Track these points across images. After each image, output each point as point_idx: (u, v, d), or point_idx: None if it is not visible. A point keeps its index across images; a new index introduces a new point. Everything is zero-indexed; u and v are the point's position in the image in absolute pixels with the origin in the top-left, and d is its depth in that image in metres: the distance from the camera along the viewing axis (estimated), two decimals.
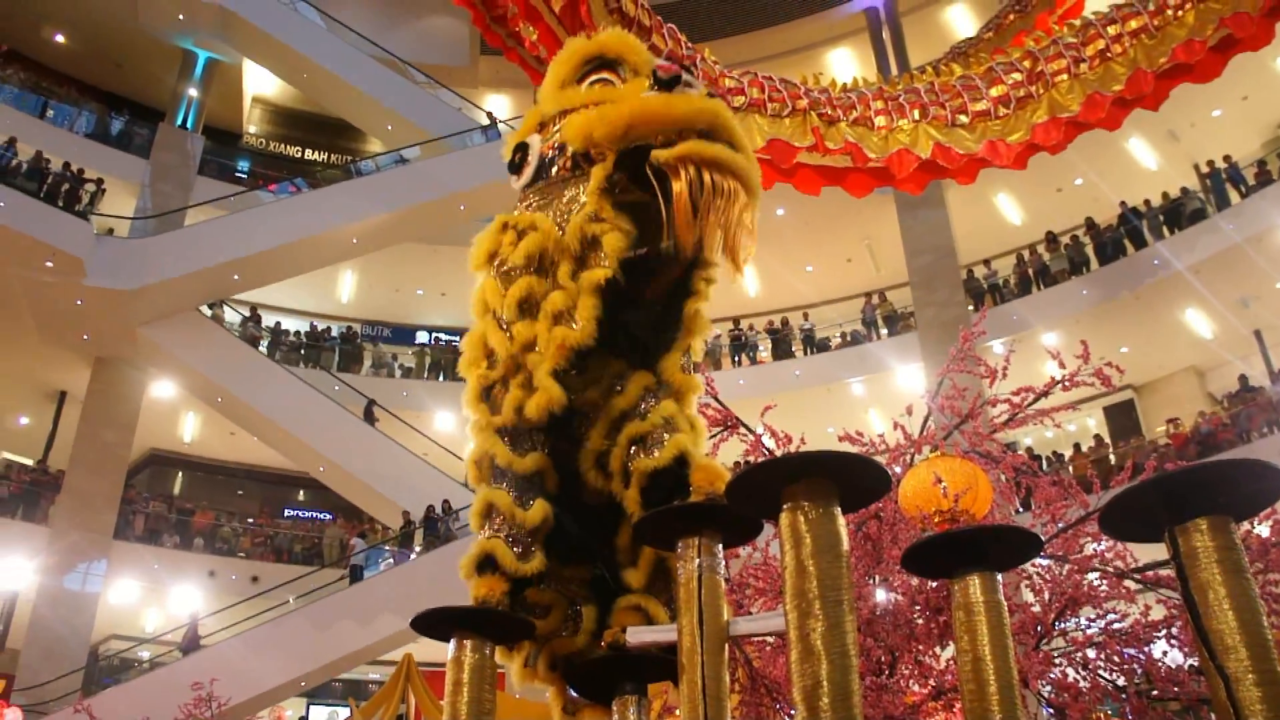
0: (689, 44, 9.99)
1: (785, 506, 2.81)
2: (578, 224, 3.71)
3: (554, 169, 3.95)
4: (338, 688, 24.79)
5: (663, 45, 9.64)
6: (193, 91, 25.15)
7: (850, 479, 2.85)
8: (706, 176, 3.49)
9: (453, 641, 3.55)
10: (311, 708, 24.95)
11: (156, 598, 22.06)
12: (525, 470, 3.80)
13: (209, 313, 22.16)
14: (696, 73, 9.70)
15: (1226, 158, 20.67)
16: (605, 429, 3.84)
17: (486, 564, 3.68)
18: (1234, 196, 20.15)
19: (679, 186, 3.48)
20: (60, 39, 26.03)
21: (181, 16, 23.68)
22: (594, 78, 4.09)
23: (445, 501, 20.29)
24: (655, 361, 3.99)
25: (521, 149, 4.13)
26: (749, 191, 3.58)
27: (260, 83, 28.50)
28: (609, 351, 3.94)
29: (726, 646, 3.13)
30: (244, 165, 27.90)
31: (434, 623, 3.59)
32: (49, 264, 18.09)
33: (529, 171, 4.06)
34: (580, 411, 3.91)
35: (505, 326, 3.84)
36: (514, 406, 3.72)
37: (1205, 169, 21.23)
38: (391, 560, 20.59)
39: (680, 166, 3.50)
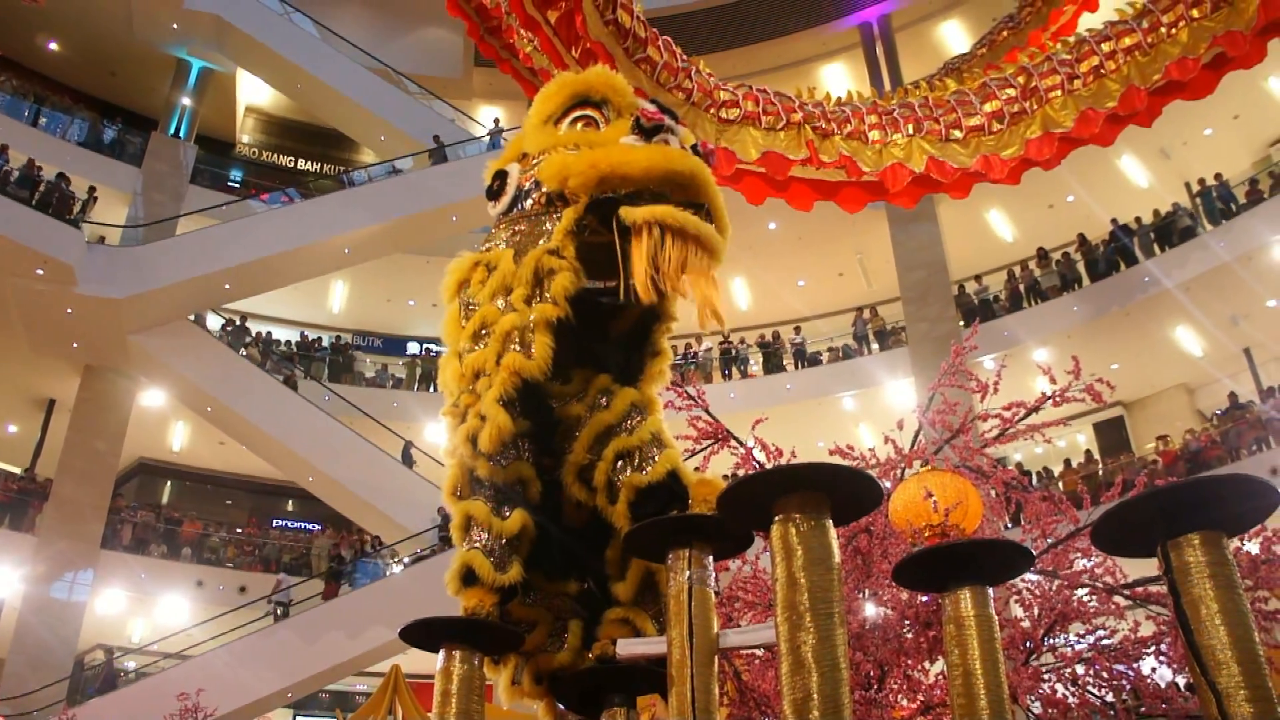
0: (684, 57, 9.97)
1: (777, 519, 2.80)
2: (537, 255, 3.76)
3: (529, 201, 4.00)
4: (325, 699, 24.72)
5: (658, 58, 9.63)
6: (186, 100, 25.14)
7: (842, 492, 2.85)
8: (669, 242, 3.52)
9: (441, 652, 3.53)
10: (298, 718, 24.86)
11: (143, 607, 21.95)
12: (504, 480, 3.79)
13: (218, 328, 22.22)
14: (692, 85, 9.74)
15: (1218, 176, 20.74)
16: (589, 442, 3.84)
17: (469, 576, 3.67)
18: (1225, 215, 20.21)
19: (639, 252, 3.52)
20: (54, 47, 25.99)
21: (176, 26, 23.69)
22: (578, 114, 4.11)
23: (376, 537, 20.25)
24: (637, 379, 4.03)
25: (500, 177, 4.15)
26: (712, 257, 3.63)
27: (254, 92, 28.49)
28: (594, 366, 3.96)
29: (716, 659, 3.12)
30: (236, 175, 27.89)
31: (423, 633, 3.58)
32: (39, 272, 18.05)
33: (505, 200, 4.10)
34: (563, 424, 3.92)
35: (460, 357, 3.85)
36: (467, 437, 3.71)
37: (1196, 187, 21.31)
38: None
39: (645, 228, 3.53)
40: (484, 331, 3.78)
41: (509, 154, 4.26)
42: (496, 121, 26.55)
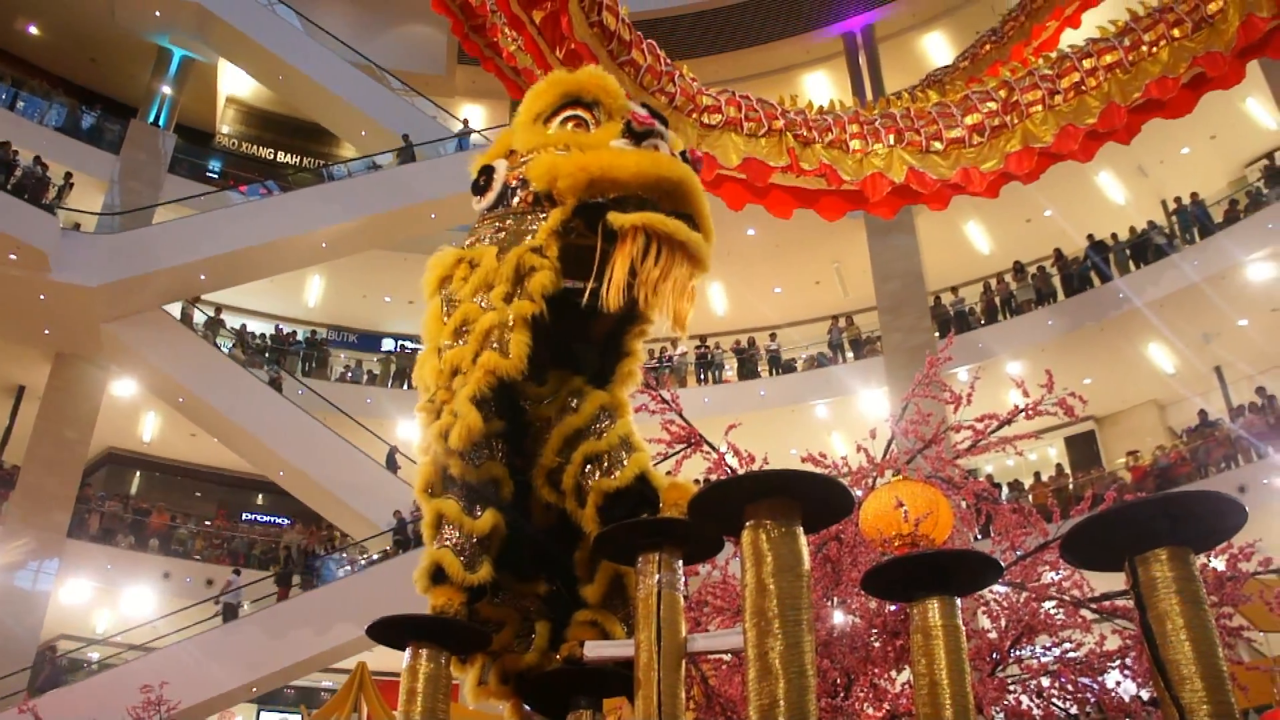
0: (668, 60, 9.98)
1: (747, 524, 2.80)
2: (519, 253, 3.72)
3: (515, 199, 3.95)
4: (290, 694, 24.60)
5: (641, 61, 9.64)
6: (166, 89, 25.00)
7: (813, 499, 2.85)
8: (654, 248, 3.51)
9: (408, 650, 3.51)
10: (262, 714, 24.75)
11: (109, 598, 21.78)
12: (476, 479, 3.77)
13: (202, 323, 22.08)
14: (675, 89, 9.75)
15: (1194, 195, 20.88)
16: (558, 445, 3.82)
17: (438, 575, 3.66)
18: (1199, 234, 20.35)
19: (623, 258, 3.51)
20: (34, 31, 25.81)
21: (158, 14, 23.57)
22: (568, 113, 4.08)
23: (339, 534, 20.05)
24: (608, 382, 4.02)
25: (487, 172, 4.13)
26: (696, 266, 3.62)
27: (235, 83, 28.36)
28: (569, 367, 3.94)
29: (683, 663, 3.11)
30: (215, 165, 27.74)
31: (390, 630, 3.55)
32: (12, 257, 17.88)
33: (491, 196, 4.06)
34: (535, 425, 3.90)
35: (440, 353, 3.84)
36: (439, 434, 3.70)
37: (1173, 205, 21.45)
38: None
39: (632, 234, 3.52)
40: (464, 328, 3.75)
41: (497, 149, 4.21)
42: (466, 122, 26.48)
